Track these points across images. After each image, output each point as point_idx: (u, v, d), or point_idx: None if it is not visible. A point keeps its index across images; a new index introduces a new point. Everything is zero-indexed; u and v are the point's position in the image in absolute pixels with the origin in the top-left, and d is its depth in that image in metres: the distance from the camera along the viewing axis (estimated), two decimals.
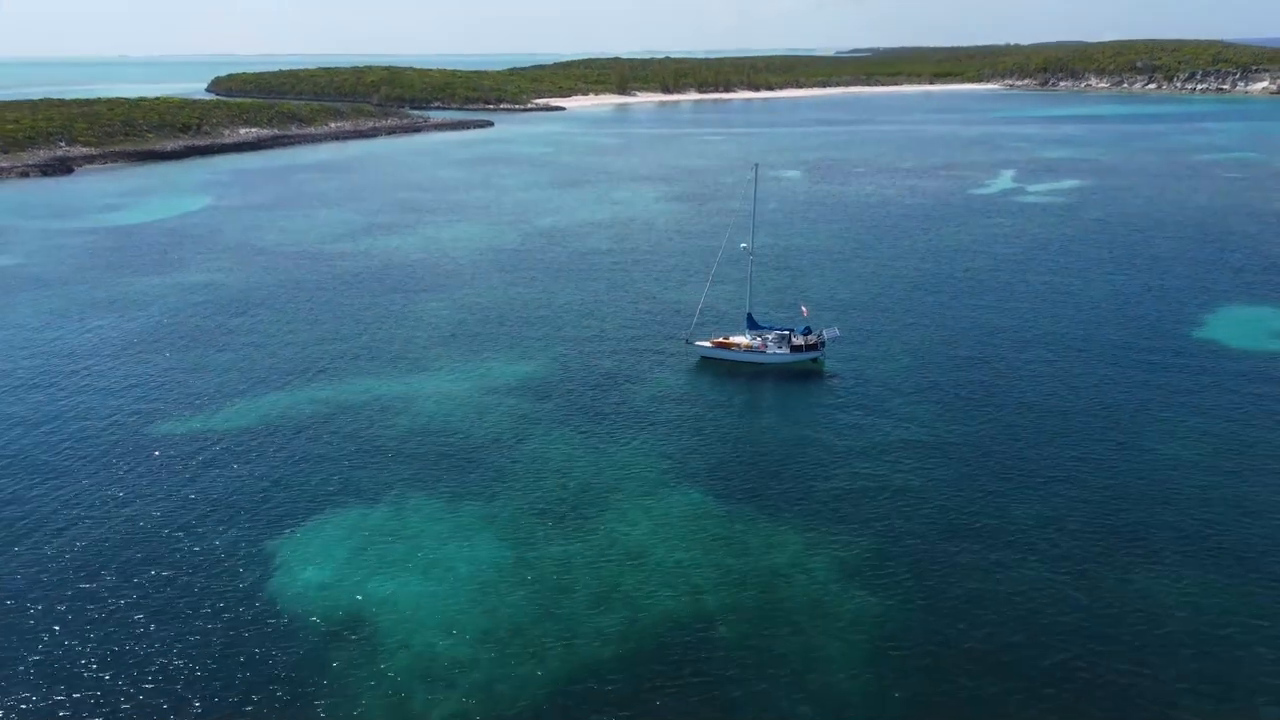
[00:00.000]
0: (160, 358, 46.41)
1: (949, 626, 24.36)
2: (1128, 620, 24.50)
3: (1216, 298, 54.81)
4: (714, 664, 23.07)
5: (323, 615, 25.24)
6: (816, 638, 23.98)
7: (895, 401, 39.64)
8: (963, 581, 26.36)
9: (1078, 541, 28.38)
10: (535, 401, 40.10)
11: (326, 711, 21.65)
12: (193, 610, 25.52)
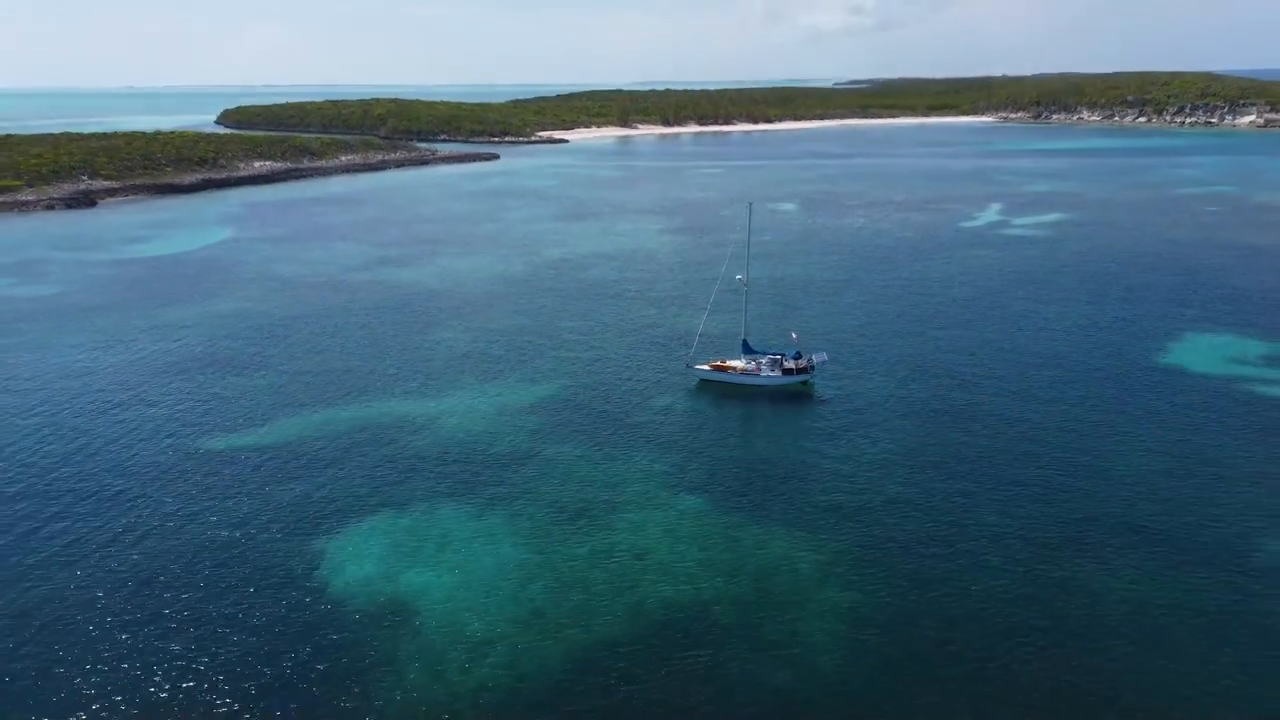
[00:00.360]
0: (204, 380, 50.33)
1: (914, 613, 28.06)
2: (1072, 607, 28.21)
3: (1181, 326, 58.75)
4: (709, 642, 26.73)
5: (368, 602, 28.96)
6: (798, 621, 27.66)
7: (878, 420, 43.46)
8: (929, 577, 30.09)
9: (1034, 544, 32.12)
10: (548, 419, 43.94)
11: (375, 681, 25.30)
12: (255, 601, 29.24)
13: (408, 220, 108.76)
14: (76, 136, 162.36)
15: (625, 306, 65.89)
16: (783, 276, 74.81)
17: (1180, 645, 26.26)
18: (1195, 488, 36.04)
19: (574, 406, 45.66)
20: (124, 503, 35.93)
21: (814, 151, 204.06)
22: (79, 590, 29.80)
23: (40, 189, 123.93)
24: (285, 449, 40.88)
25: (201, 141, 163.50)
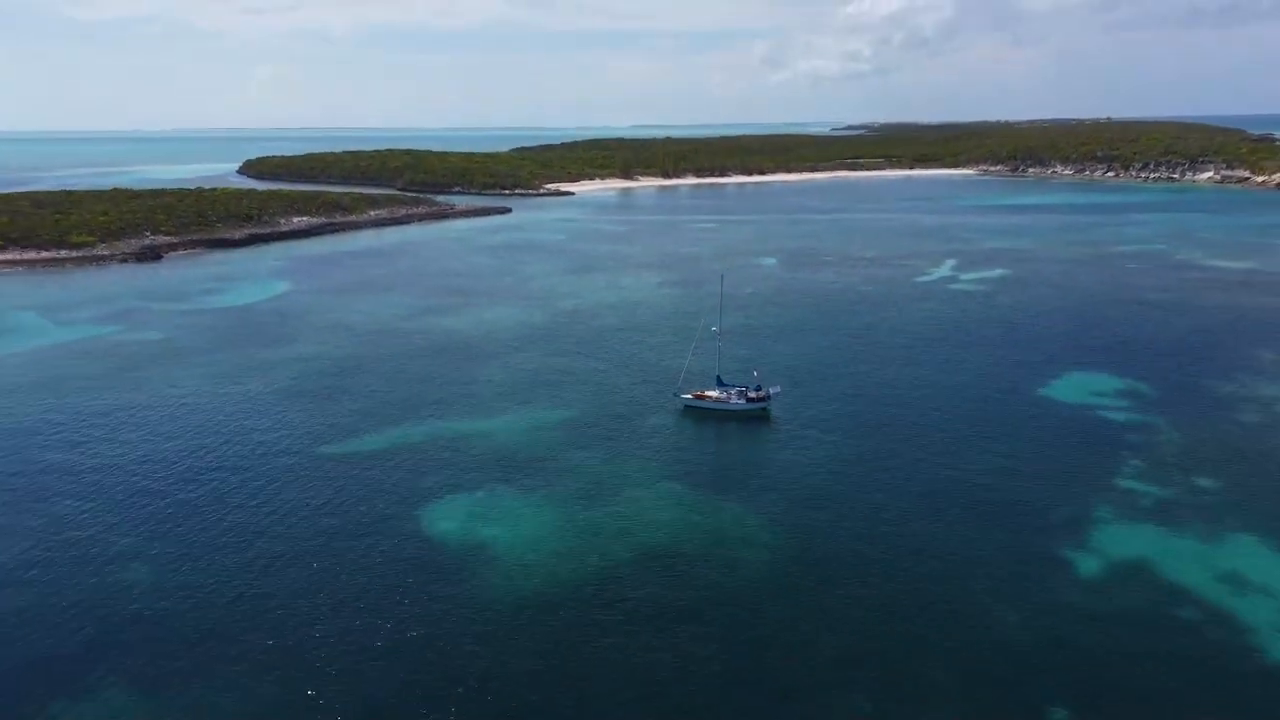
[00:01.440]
0: (305, 406, 65.97)
1: (821, 553, 43.45)
2: (922, 548, 43.58)
3: (1064, 367, 74.38)
4: (682, 565, 42.03)
5: (455, 545, 44.34)
6: (741, 552, 43.01)
7: (816, 436, 58.99)
8: (835, 531, 45.49)
9: (904, 509, 47.51)
10: (568, 432, 59.47)
11: (465, 588, 40.62)
12: (380, 548, 44.64)
13: (438, 273, 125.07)
14: (134, 194, 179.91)
15: (627, 349, 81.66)
16: (756, 325, 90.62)
17: (991, 575, 41.60)
18: (1023, 481, 51.49)
19: (588, 424, 61.23)
20: (272, 493, 51.44)
21: (802, 206, 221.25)
22: (261, 553, 45.32)
23: (112, 244, 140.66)
24: (380, 454, 56.44)
25: (245, 198, 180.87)
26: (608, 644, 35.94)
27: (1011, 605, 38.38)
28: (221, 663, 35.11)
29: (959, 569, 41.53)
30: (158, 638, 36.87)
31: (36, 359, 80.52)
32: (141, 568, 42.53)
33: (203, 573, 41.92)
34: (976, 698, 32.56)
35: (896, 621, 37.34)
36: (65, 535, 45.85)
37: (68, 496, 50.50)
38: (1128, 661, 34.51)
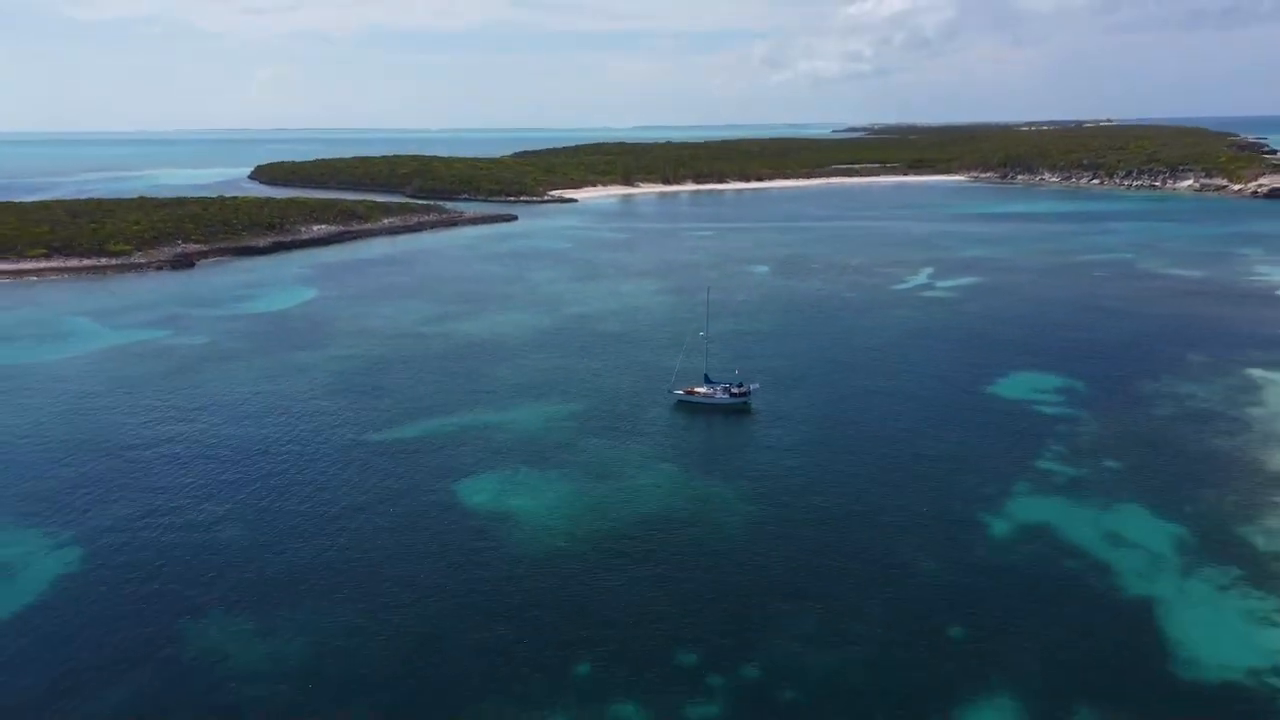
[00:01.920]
0: (344, 400, 75.78)
1: (786, 517, 53.23)
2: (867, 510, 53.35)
3: (1015, 368, 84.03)
4: (671, 529, 51.78)
5: (485, 512, 54.12)
6: (723, 516, 52.79)
7: (788, 425, 68.77)
8: (800, 502, 55.29)
9: (858, 482, 57.27)
10: (578, 422, 69.25)
11: (500, 543, 50.43)
12: (421, 517, 54.45)
13: (452, 280, 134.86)
14: (161, 203, 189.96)
15: (627, 351, 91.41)
16: (745, 330, 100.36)
17: (920, 534, 51.38)
18: (961, 463, 61.24)
19: (594, 416, 71.03)
20: (334, 472, 61.27)
21: (796, 213, 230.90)
22: (331, 516, 55.19)
23: (148, 252, 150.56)
24: (418, 441, 66.26)
25: (266, 207, 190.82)
26: (612, 582, 45.74)
27: (931, 556, 48.17)
28: (309, 596, 44.96)
29: (896, 530, 51.31)
30: (253, 577, 46.71)
31: (101, 361, 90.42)
32: (233, 526, 52.39)
33: (283, 530, 51.79)
34: (894, 620, 42.35)
35: (841, 566, 47.12)
36: (167, 502, 55.70)
37: (163, 473, 60.33)
38: (1014, 597, 44.30)
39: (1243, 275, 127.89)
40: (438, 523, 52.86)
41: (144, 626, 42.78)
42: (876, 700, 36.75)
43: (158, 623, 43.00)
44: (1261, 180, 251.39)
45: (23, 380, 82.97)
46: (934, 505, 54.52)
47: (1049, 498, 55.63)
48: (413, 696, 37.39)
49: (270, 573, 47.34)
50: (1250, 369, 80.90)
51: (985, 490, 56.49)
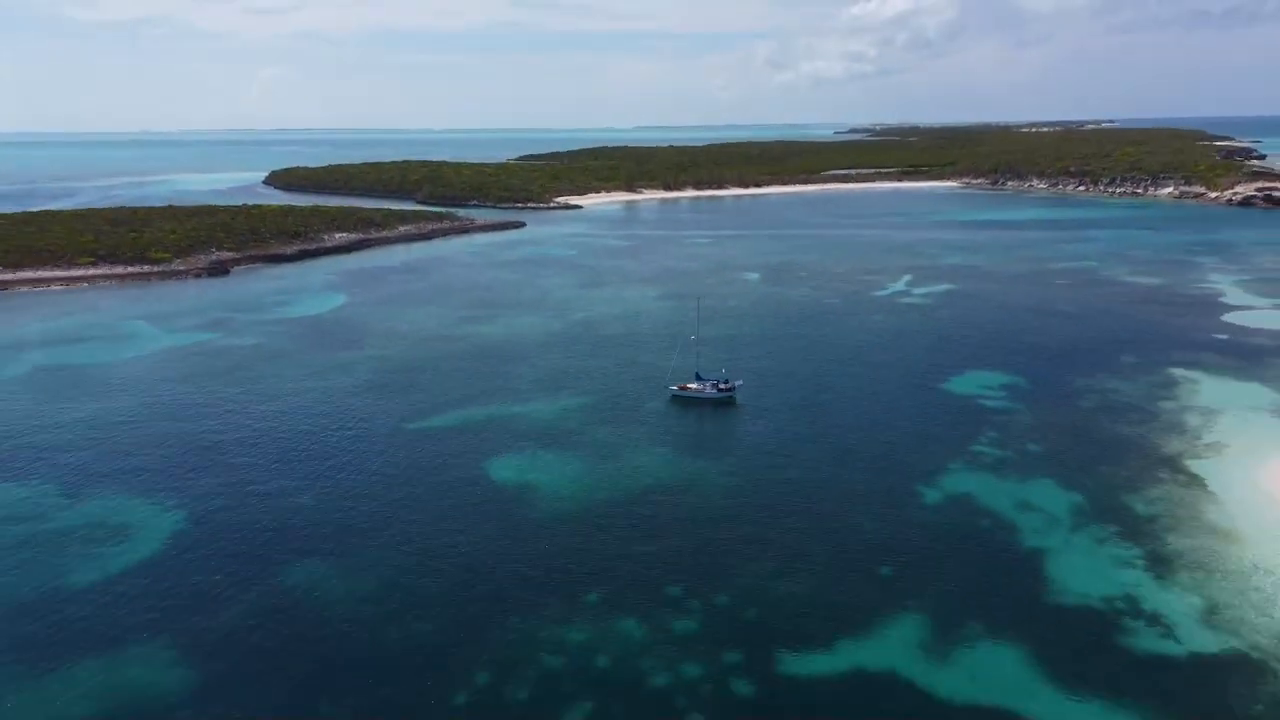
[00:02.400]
0: (384, 393, 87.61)
1: (757, 486, 65.03)
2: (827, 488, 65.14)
3: (969, 367, 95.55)
4: (665, 498, 63.54)
5: (513, 485, 65.92)
6: (710, 492, 64.62)
7: (766, 415, 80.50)
8: (769, 476, 67.08)
9: (822, 459, 69.01)
10: (587, 414, 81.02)
11: (523, 510, 62.25)
12: (455, 486, 66.33)
13: (468, 287, 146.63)
14: (193, 211, 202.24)
15: (629, 352, 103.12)
16: (734, 333, 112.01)
17: (866, 501, 63.17)
18: (910, 445, 72.92)
19: (600, 408, 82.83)
20: (378, 452, 73.14)
21: (791, 220, 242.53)
22: (383, 487, 67.12)
23: (186, 259, 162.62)
24: (449, 428, 78.08)
25: (290, 215, 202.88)
26: (614, 535, 57.57)
27: (873, 518, 59.94)
28: (372, 544, 56.79)
29: (847, 498, 63.06)
30: (326, 530, 58.53)
31: (166, 360, 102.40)
32: (303, 494, 64.23)
33: (345, 494, 63.66)
34: (836, 562, 54.08)
35: (799, 525, 58.89)
36: (246, 474, 67.61)
37: (238, 453, 72.22)
38: (935, 547, 56.02)
39: (1192, 283, 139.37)
40: (472, 491, 64.74)
41: (244, 566, 54.63)
42: (818, 617, 48.46)
43: (254, 564, 54.85)
44: (1237, 189, 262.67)
45: (103, 377, 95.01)
46: (881, 479, 66.25)
47: (975, 473, 67.33)
48: (460, 615, 49.19)
49: (339, 527, 59.21)
50: (1172, 368, 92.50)
51: (924, 467, 68.18)
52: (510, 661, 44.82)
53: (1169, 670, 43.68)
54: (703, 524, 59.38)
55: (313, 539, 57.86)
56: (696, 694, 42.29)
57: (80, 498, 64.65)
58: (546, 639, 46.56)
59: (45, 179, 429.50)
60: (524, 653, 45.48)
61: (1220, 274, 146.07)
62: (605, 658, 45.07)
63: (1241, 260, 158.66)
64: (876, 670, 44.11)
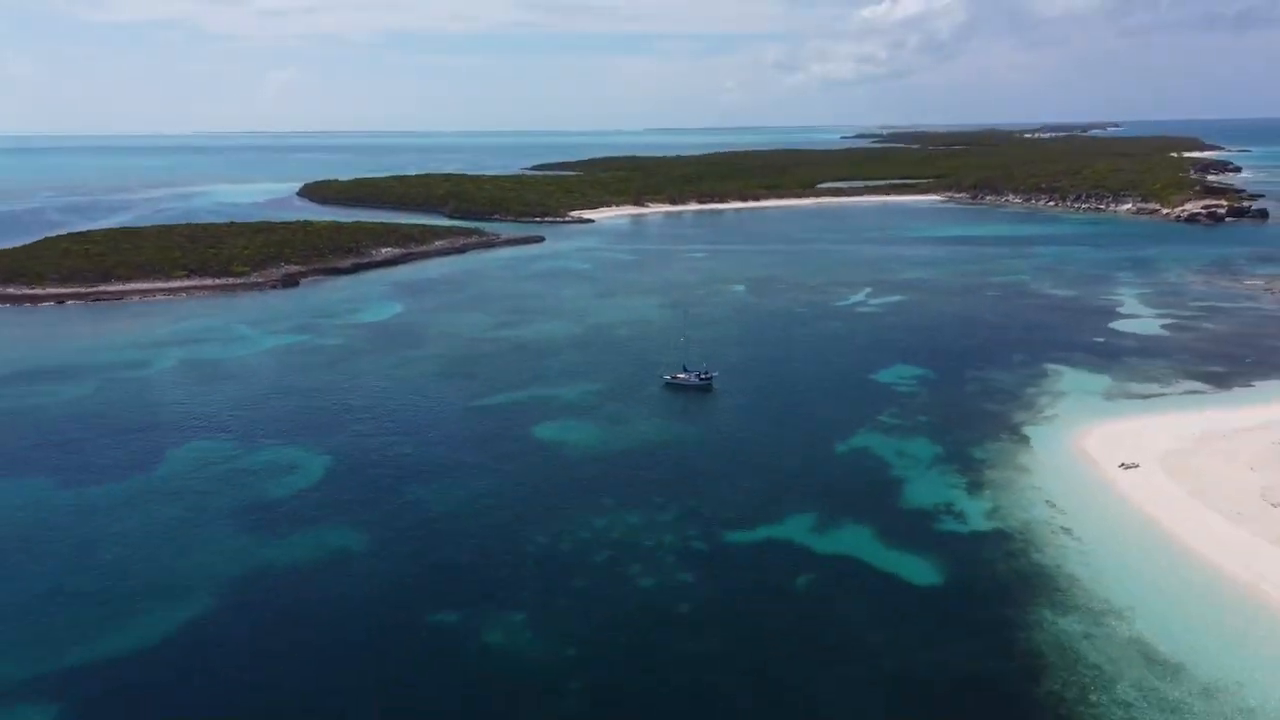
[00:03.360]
0: (451, 381, 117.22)
1: (732, 446, 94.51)
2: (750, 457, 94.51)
3: (896, 362, 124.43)
4: (659, 452, 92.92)
5: (548, 441, 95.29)
6: (690, 446, 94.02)
7: (737, 397, 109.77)
8: (740, 440, 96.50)
9: (781, 432, 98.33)
10: (603, 396, 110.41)
11: (558, 458, 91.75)
12: (506, 444, 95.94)
13: (501, 297, 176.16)
14: (259, 228, 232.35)
15: (634, 350, 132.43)
16: (718, 336, 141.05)
17: (794, 453, 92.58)
18: (839, 418, 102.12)
19: (612, 390, 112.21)
20: (450, 420, 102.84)
21: (781, 235, 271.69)
22: (456, 444, 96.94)
23: (261, 273, 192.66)
24: (504, 405, 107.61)
25: (342, 232, 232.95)
26: (621, 472, 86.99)
27: (796, 460, 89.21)
28: (457, 475, 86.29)
29: (782, 448, 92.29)
30: (425, 469, 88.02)
31: (275, 356, 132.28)
32: (406, 445, 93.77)
33: (435, 445, 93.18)
34: (765, 489, 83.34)
35: (749, 467, 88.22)
36: (363, 433, 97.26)
37: (352, 420, 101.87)
38: (834, 478, 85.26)
39: (1100, 295, 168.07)
40: (523, 444, 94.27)
41: (374, 489, 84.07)
42: (752, 513, 77.58)
43: (380, 488, 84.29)
44: (1185, 206, 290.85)
45: (233, 368, 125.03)
46: (808, 437, 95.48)
47: (874, 434, 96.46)
48: (526, 512, 78.48)
49: (435, 464, 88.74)
50: (1047, 364, 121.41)
51: (840, 429, 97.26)
52: (564, 534, 74.17)
53: (960, 541, 72.74)
54: (681, 464, 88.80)
55: (417, 472, 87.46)
56: (670, 550, 71.59)
57: (255, 448, 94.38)
58: (582, 523, 75.98)
59: (100, 190, 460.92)
60: (570, 530, 74.86)
61: (1127, 287, 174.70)
62: (617, 533, 74.44)
63: (1151, 275, 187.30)
64: (784, 538, 73.30)
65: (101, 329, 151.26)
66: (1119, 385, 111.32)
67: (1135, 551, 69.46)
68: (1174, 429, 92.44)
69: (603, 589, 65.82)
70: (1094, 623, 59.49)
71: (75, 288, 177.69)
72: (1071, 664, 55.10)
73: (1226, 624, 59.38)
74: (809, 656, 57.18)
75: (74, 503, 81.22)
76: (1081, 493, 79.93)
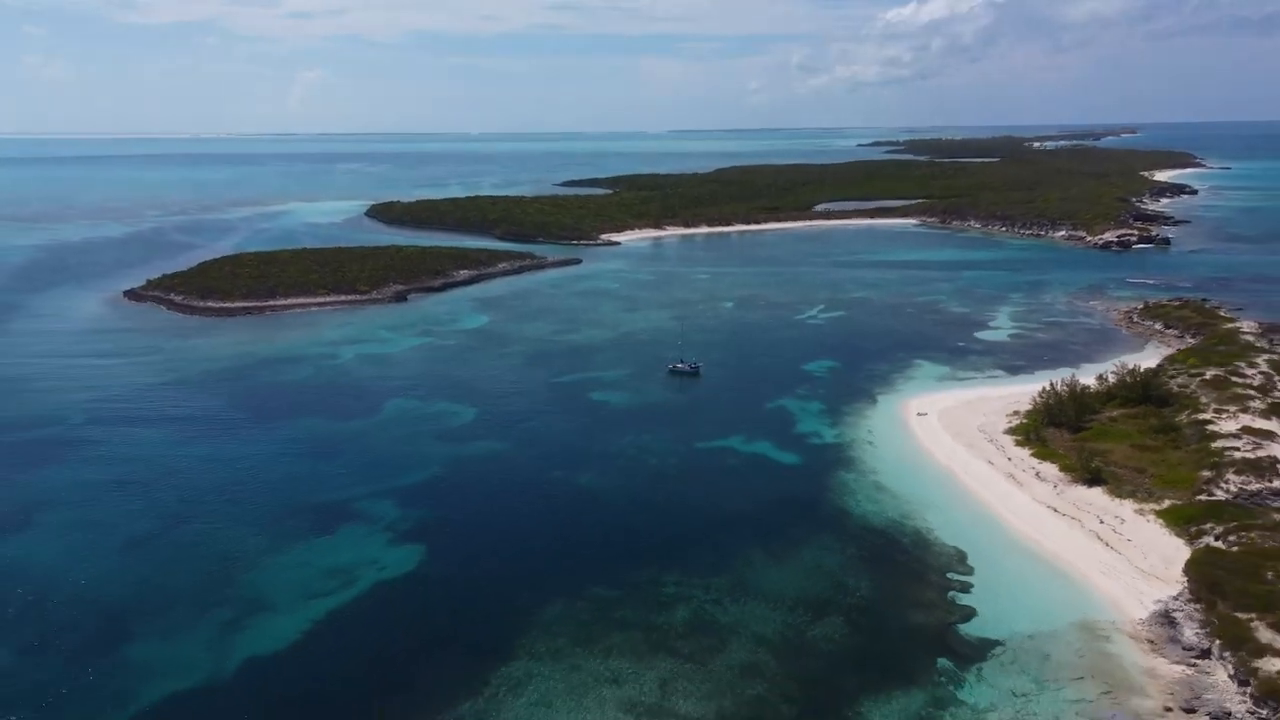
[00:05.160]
0: (537, 369, 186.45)
1: (708, 406, 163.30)
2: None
3: (822, 359, 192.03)
4: (662, 413, 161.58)
5: (596, 403, 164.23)
6: (683, 407, 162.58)
7: (718, 379, 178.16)
8: (717, 402, 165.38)
9: (740, 397, 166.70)
10: (628, 377, 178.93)
11: (603, 410, 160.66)
12: (575, 404, 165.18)
13: (555, 310, 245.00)
14: (367, 252, 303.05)
15: (650, 347, 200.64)
16: (708, 340, 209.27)
17: (747, 406, 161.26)
18: (778, 391, 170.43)
19: (635, 374, 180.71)
20: (539, 390, 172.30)
21: (772, 259, 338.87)
22: (547, 401, 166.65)
23: (379, 290, 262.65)
24: (570, 383, 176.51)
25: (428, 256, 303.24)
26: (640, 420, 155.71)
27: (742, 412, 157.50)
28: (547, 423, 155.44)
29: (735, 408, 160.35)
30: (536, 426, 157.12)
31: (415, 353, 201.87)
32: (521, 401, 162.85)
33: (539, 401, 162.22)
34: (726, 426, 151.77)
35: (713, 417, 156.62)
36: (495, 396, 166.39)
37: (486, 390, 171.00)
38: (759, 422, 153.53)
39: (985, 311, 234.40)
40: (581, 403, 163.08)
41: (506, 422, 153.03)
42: (711, 436, 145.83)
43: (510, 423, 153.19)
44: (1104, 234, 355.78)
45: (393, 361, 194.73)
46: (754, 401, 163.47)
47: (793, 399, 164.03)
48: (586, 433, 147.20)
49: (535, 412, 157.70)
50: (917, 360, 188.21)
51: (773, 399, 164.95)
52: (609, 442, 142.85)
53: (818, 448, 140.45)
54: (675, 414, 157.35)
55: (526, 415, 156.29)
56: (666, 450, 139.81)
57: (430, 403, 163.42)
58: (617, 439, 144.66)
59: (195, 209, 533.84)
60: (613, 440, 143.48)
61: (1009, 306, 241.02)
62: (637, 443, 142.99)
63: (1035, 295, 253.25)
64: (727, 446, 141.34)
65: (287, 334, 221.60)
66: (950, 372, 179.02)
67: (901, 452, 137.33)
68: (959, 397, 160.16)
69: (631, 464, 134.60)
70: (866, 477, 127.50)
71: (251, 302, 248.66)
72: (847, 487, 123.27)
73: (930, 483, 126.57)
74: (727, 488, 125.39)
75: (344, 430, 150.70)
76: (889, 427, 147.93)
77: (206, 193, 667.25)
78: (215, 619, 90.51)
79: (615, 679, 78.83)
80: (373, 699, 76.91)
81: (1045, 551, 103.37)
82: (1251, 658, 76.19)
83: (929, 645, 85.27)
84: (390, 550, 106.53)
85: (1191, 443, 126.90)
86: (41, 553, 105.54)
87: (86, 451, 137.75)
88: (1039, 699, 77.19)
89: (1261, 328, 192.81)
